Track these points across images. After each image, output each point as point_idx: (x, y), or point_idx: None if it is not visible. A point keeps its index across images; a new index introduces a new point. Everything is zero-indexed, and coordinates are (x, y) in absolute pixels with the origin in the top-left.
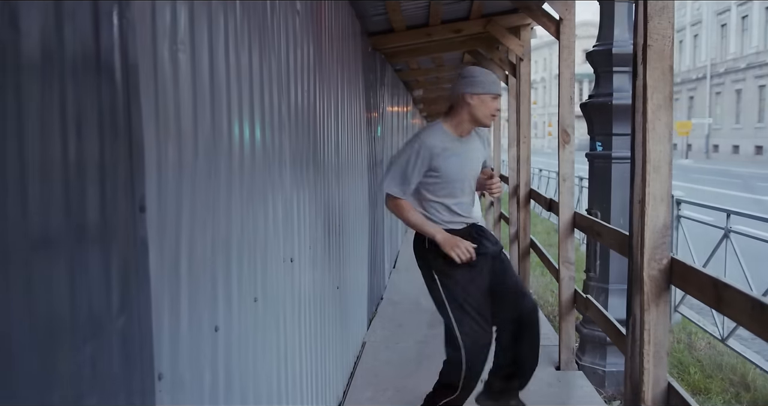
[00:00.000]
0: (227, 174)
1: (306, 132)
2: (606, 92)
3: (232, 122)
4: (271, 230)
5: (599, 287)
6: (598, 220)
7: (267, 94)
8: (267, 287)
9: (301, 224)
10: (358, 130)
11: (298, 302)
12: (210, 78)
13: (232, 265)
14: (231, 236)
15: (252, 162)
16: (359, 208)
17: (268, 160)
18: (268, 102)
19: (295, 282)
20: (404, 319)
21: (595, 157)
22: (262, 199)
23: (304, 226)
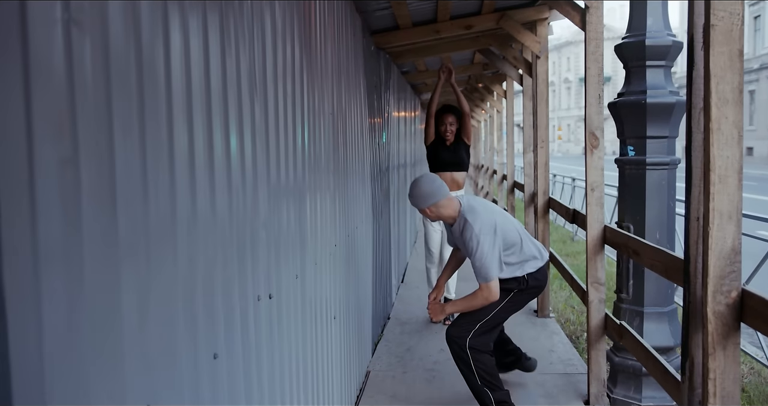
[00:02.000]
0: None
1: (289, 140)
2: (638, 90)
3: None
4: (235, 264)
5: (632, 310)
6: (635, 236)
7: (233, 99)
8: (231, 338)
9: (280, 251)
10: (359, 136)
11: (278, 345)
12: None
13: (178, 318)
14: (176, 277)
15: (217, 176)
16: (361, 221)
17: (239, 173)
18: (236, 108)
19: (274, 321)
20: (413, 341)
21: (626, 163)
22: (228, 230)
23: (286, 254)
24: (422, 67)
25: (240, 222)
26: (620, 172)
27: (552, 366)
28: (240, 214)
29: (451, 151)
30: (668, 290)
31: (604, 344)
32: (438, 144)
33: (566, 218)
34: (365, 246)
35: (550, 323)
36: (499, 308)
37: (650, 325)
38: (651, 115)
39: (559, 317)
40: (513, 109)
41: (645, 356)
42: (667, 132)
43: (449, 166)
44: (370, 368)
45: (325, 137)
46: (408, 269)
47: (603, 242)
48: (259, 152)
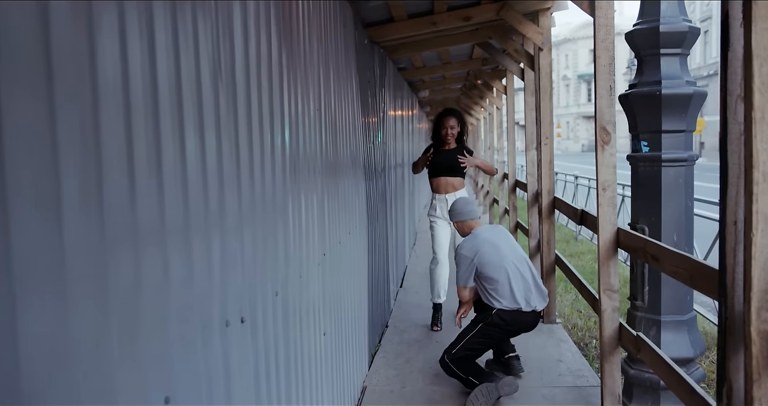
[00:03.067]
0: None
1: (265, 139)
2: (652, 80)
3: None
4: (195, 285)
5: (649, 319)
6: (653, 240)
7: (189, 96)
8: (187, 377)
9: (256, 266)
10: (351, 134)
11: (253, 372)
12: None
13: (112, 356)
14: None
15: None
16: (355, 225)
17: (198, 178)
18: (194, 107)
19: (247, 348)
20: (412, 352)
21: (639, 160)
22: (183, 245)
23: (263, 269)
24: (419, 64)
25: (201, 234)
26: (633, 169)
27: (561, 378)
28: (200, 224)
29: (448, 156)
30: (687, 297)
31: (618, 357)
32: (437, 147)
33: (573, 219)
34: (359, 252)
35: (556, 330)
36: (471, 335)
37: (668, 335)
38: (666, 107)
39: (565, 322)
40: (514, 106)
41: (667, 372)
42: (684, 126)
43: (443, 171)
44: (366, 383)
45: (311, 135)
46: (407, 273)
47: (616, 246)
48: (227, 153)
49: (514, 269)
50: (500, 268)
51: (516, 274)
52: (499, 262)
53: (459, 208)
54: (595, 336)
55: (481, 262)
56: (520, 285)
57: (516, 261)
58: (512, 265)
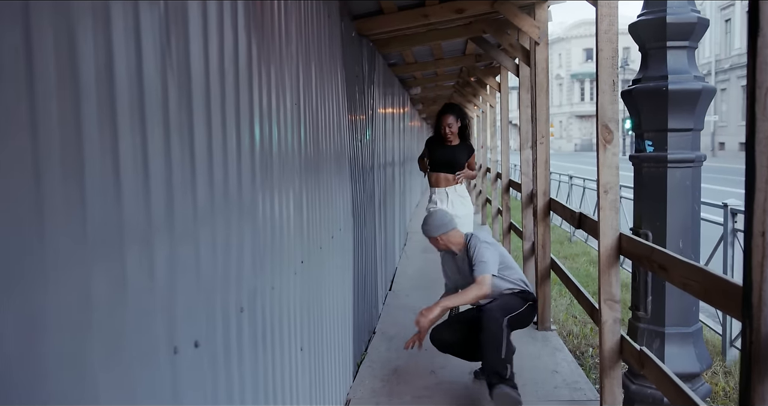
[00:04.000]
0: None
1: (229, 137)
2: (657, 75)
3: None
4: (131, 307)
5: (651, 331)
6: (661, 248)
7: (126, 90)
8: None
9: (216, 281)
10: (336, 131)
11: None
12: None
13: None
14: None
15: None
16: (339, 228)
17: (137, 181)
18: (134, 102)
19: (205, 377)
20: (400, 361)
21: (643, 160)
22: (118, 258)
23: (225, 284)
24: (411, 59)
25: (140, 243)
26: (636, 170)
27: (557, 391)
28: (138, 232)
29: (449, 152)
30: (693, 307)
31: (619, 371)
32: (437, 143)
33: (571, 222)
34: (344, 256)
35: (551, 337)
36: (522, 309)
37: (672, 348)
38: (673, 104)
39: (560, 329)
40: (508, 104)
41: (675, 392)
42: (691, 124)
43: (444, 167)
44: (350, 396)
45: (287, 132)
46: (397, 274)
47: (618, 253)
48: (176, 153)
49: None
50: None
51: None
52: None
53: (439, 219)
54: (591, 344)
55: (501, 253)
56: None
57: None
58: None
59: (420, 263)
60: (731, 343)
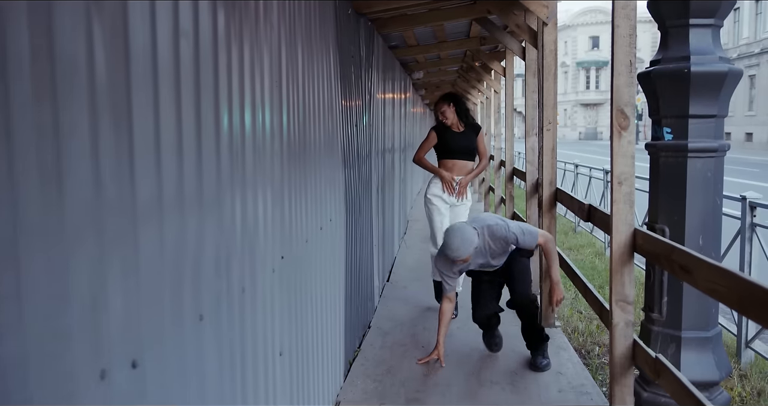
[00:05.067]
0: None
1: (186, 118)
2: (679, 55)
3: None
4: (51, 317)
5: (667, 335)
6: (684, 248)
7: (78, 73)
8: None
9: (164, 286)
10: (327, 113)
11: None
12: None
13: None
14: None
15: None
16: (329, 218)
17: None
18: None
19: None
20: (394, 359)
21: (661, 149)
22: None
23: (180, 288)
24: (412, 41)
25: (52, 253)
26: (653, 160)
27: (562, 395)
28: (46, 239)
29: (461, 138)
30: (712, 310)
31: (631, 379)
32: (446, 130)
33: (579, 214)
34: (335, 248)
35: (555, 335)
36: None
37: (689, 354)
38: (696, 87)
39: (565, 325)
40: (513, 89)
41: (687, 399)
42: (715, 110)
43: (458, 155)
44: (340, 398)
45: (265, 114)
46: (395, 265)
47: (632, 250)
48: (106, 139)
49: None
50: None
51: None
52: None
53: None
54: (597, 342)
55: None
56: None
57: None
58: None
59: (420, 253)
60: (747, 344)
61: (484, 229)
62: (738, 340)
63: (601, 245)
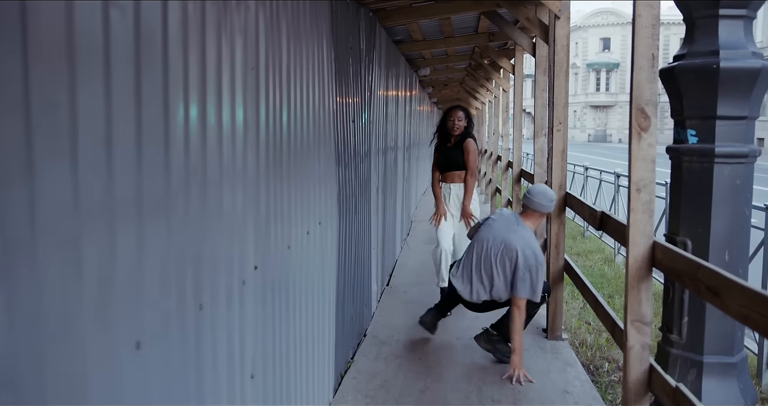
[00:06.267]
0: None
1: (123, 108)
2: (706, 50)
3: None
4: None
5: (686, 359)
6: (711, 265)
7: None
8: None
9: (87, 298)
10: (317, 111)
11: None
12: None
13: None
14: None
15: None
16: (317, 222)
17: None
18: None
19: None
20: (390, 372)
21: (684, 153)
22: None
23: (114, 314)
24: (418, 36)
25: None
26: (674, 165)
27: None
28: None
29: (450, 153)
30: (737, 333)
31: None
32: (441, 145)
33: (590, 222)
34: (324, 253)
35: (562, 349)
36: None
37: (711, 381)
38: (725, 85)
39: (572, 338)
40: (522, 88)
41: None
42: (746, 111)
43: (447, 168)
44: None
45: (240, 105)
46: (396, 268)
47: (651, 265)
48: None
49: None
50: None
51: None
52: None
53: (538, 198)
54: (607, 357)
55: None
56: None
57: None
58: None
59: (423, 256)
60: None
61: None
62: (759, 360)
63: (610, 251)
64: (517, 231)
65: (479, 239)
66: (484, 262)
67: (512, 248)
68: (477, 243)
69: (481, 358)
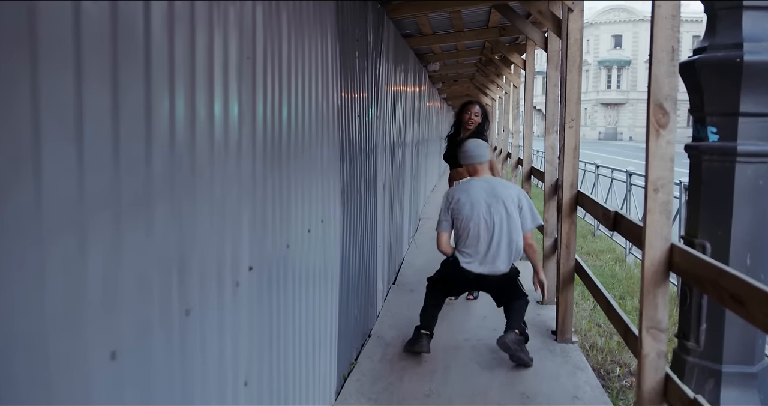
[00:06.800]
0: None
1: (114, 102)
2: (729, 42)
3: None
4: None
5: (704, 368)
6: (734, 271)
7: None
8: None
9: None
10: (321, 105)
11: None
12: None
13: None
14: None
15: None
16: (319, 220)
17: None
18: None
19: None
20: (395, 374)
21: (704, 151)
22: None
23: (83, 323)
24: (428, 30)
25: None
26: (693, 164)
27: None
28: None
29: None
30: (758, 340)
31: None
32: (452, 138)
33: (603, 222)
34: (327, 251)
35: (572, 352)
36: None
37: (730, 391)
38: (749, 80)
39: (583, 341)
40: (533, 83)
41: None
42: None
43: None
44: None
45: (234, 97)
46: (403, 266)
47: (668, 269)
48: None
49: (482, 228)
50: (468, 222)
51: (481, 233)
52: (469, 216)
53: (469, 150)
54: (618, 361)
55: (455, 211)
56: (482, 247)
57: (487, 220)
58: (482, 223)
59: (431, 254)
60: None
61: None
62: None
63: (621, 251)
64: (490, 182)
65: (473, 217)
66: (497, 227)
67: (507, 194)
68: (473, 222)
69: (488, 360)
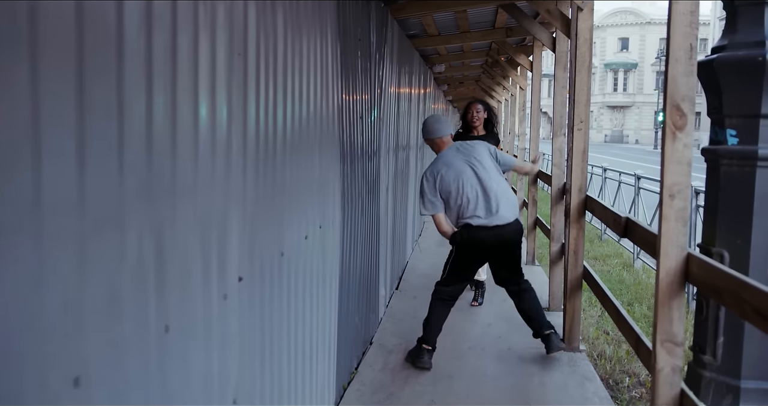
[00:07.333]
0: None
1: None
2: (750, 40)
3: None
4: None
5: (721, 383)
6: (756, 283)
7: None
8: None
9: None
10: (320, 105)
11: None
12: None
13: None
14: None
15: None
16: (317, 225)
17: None
18: None
19: None
20: (397, 384)
21: (722, 155)
22: None
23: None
24: (433, 30)
25: None
26: (711, 169)
27: None
28: None
29: None
30: None
31: None
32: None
33: (614, 228)
34: (325, 258)
35: (580, 361)
36: (450, 260)
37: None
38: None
39: (590, 349)
40: (540, 85)
41: None
42: None
43: None
44: None
45: (222, 96)
46: (407, 271)
47: (684, 279)
48: None
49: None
50: (461, 190)
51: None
52: (460, 185)
53: (428, 126)
54: (627, 371)
55: (443, 187)
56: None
57: (475, 178)
58: (474, 183)
59: (434, 258)
60: None
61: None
62: None
63: (629, 256)
64: (458, 147)
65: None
66: (485, 181)
67: (479, 150)
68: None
69: (493, 370)
